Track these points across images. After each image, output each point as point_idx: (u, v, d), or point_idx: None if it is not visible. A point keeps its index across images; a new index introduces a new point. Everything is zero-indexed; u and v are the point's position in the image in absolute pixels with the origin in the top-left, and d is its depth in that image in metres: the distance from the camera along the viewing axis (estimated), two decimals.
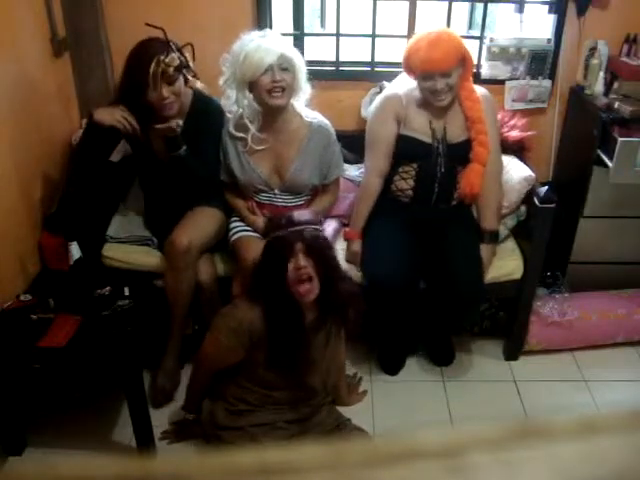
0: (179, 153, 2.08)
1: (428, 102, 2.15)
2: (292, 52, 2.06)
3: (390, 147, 2.20)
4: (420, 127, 2.17)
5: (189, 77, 2.06)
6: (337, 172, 2.25)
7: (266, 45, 2.01)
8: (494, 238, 2.27)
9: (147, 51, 1.94)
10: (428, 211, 2.22)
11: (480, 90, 2.20)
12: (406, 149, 2.19)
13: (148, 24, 1.95)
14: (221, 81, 2.09)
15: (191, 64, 2.06)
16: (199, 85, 2.18)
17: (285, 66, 2.02)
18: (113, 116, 2.03)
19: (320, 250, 1.65)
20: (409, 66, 2.13)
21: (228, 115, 2.18)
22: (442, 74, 2.04)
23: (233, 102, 2.12)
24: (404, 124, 2.18)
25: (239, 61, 2.02)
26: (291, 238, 1.60)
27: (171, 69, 1.95)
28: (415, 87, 2.18)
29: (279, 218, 1.72)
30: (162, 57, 1.93)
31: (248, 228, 2.20)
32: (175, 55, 1.97)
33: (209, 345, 1.75)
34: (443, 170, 2.17)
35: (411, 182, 2.21)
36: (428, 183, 2.19)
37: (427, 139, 2.17)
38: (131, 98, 2.01)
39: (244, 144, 2.16)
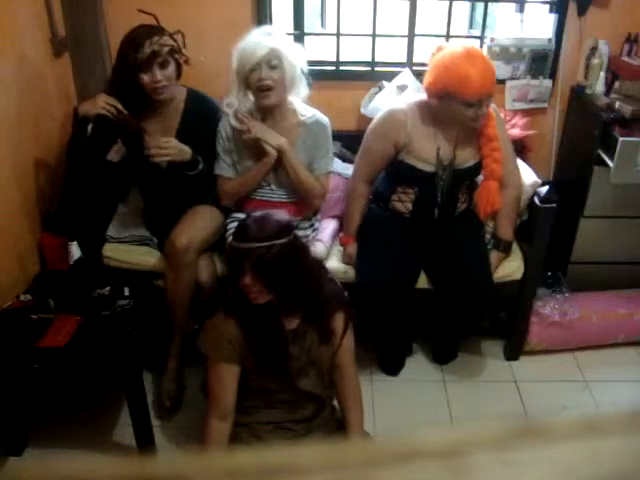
0: (198, 171, 2.11)
1: (441, 123, 2.08)
2: (285, 47, 2.01)
3: (380, 164, 2.18)
4: (425, 155, 2.10)
5: (182, 62, 2.06)
6: (321, 169, 2.17)
7: (257, 40, 1.99)
8: (507, 248, 2.27)
9: (141, 34, 1.97)
10: (430, 224, 2.22)
11: None
12: (405, 175, 2.16)
13: (141, 10, 2.00)
14: (232, 74, 2.09)
15: (183, 50, 2.07)
16: (202, 58, 2.16)
17: (274, 63, 1.98)
18: (96, 104, 2.04)
19: (269, 270, 1.56)
20: (443, 93, 1.97)
21: (226, 110, 2.15)
22: (489, 97, 1.98)
23: (234, 95, 2.11)
24: (406, 151, 2.11)
25: (237, 56, 2.03)
26: (239, 255, 1.57)
27: (165, 50, 1.97)
28: (421, 104, 2.11)
29: (248, 222, 1.63)
30: (155, 39, 1.96)
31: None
32: (168, 39, 2.00)
33: (209, 372, 1.70)
34: (445, 194, 2.15)
35: (409, 205, 2.19)
36: (427, 207, 2.18)
37: (430, 168, 2.11)
38: (123, 84, 2.02)
39: (242, 137, 2.15)
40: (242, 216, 2.22)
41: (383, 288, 2.11)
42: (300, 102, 2.16)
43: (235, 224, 2.20)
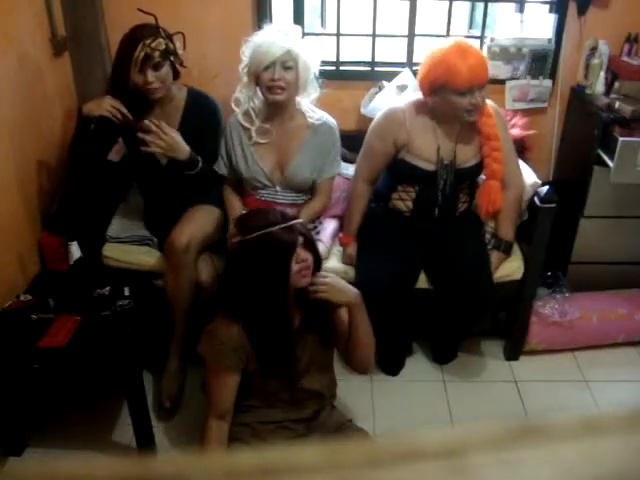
0: (197, 170, 2.11)
1: (440, 122, 2.09)
2: (301, 49, 2.03)
3: (381, 163, 2.19)
4: (425, 154, 2.11)
5: (177, 64, 2.06)
6: (331, 172, 2.20)
7: (274, 39, 2.00)
8: (508, 248, 2.28)
9: (135, 35, 1.98)
10: (430, 223, 2.22)
11: (488, 102, 2.16)
12: (406, 174, 2.17)
13: (140, 9, 1.99)
14: (240, 68, 2.10)
15: (180, 52, 2.06)
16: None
17: (289, 64, 2.00)
18: (101, 106, 2.04)
19: (314, 242, 1.66)
20: (436, 86, 2.01)
21: (235, 108, 2.17)
22: (481, 86, 1.98)
23: (245, 91, 2.12)
24: (406, 149, 2.12)
25: (250, 52, 2.04)
26: (289, 234, 1.58)
27: (156, 53, 1.97)
28: (420, 104, 2.12)
29: (270, 210, 1.67)
30: (148, 41, 1.95)
31: None
32: (162, 40, 1.99)
33: (209, 376, 1.70)
34: (446, 193, 2.16)
35: (409, 204, 2.20)
36: (428, 206, 2.19)
37: (430, 166, 2.12)
38: (120, 83, 2.02)
39: (249, 136, 2.16)
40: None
41: (383, 287, 2.11)
42: (309, 104, 2.17)
43: None
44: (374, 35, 2.73)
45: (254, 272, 1.60)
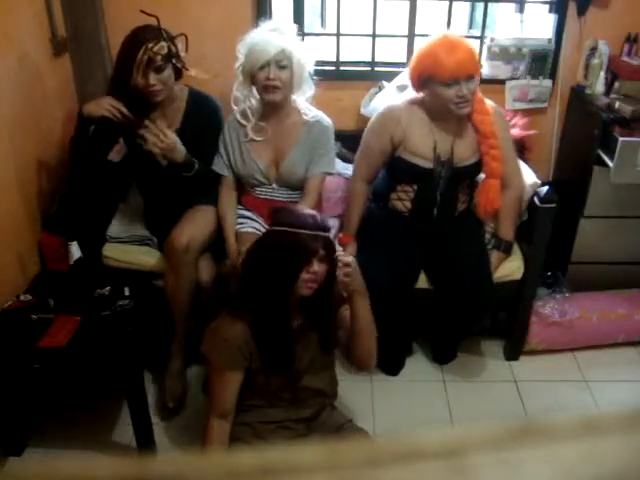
0: (193, 172, 2.11)
1: (436, 119, 2.10)
2: (295, 47, 2.03)
3: (379, 161, 2.20)
4: (421, 151, 2.12)
5: (179, 67, 2.05)
6: (319, 169, 2.16)
7: (268, 38, 2.00)
8: (508, 248, 2.28)
9: (137, 38, 1.97)
10: (429, 223, 2.22)
11: (488, 102, 2.17)
12: (404, 172, 2.17)
13: (142, 11, 1.99)
14: (236, 65, 2.11)
15: (182, 54, 2.06)
16: (193, 73, 2.14)
17: (284, 63, 2.01)
18: (101, 106, 2.04)
19: (333, 258, 1.63)
20: (423, 78, 2.04)
21: (234, 106, 2.18)
22: (467, 78, 1.98)
23: (241, 89, 2.13)
24: (403, 147, 2.13)
25: (245, 51, 2.04)
26: (312, 242, 1.56)
27: (159, 57, 1.97)
28: (417, 101, 2.14)
29: (295, 212, 1.66)
30: (150, 45, 1.95)
31: (244, 222, 2.20)
32: (165, 44, 1.98)
33: (212, 376, 1.70)
34: (444, 192, 2.16)
35: (408, 204, 2.21)
36: (426, 205, 2.19)
37: (428, 164, 2.12)
38: (121, 85, 2.02)
39: (245, 133, 2.16)
40: (246, 212, 2.23)
41: (383, 287, 2.11)
42: (304, 102, 2.17)
43: (243, 220, 2.20)
44: (374, 35, 2.73)
45: (266, 264, 1.61)
